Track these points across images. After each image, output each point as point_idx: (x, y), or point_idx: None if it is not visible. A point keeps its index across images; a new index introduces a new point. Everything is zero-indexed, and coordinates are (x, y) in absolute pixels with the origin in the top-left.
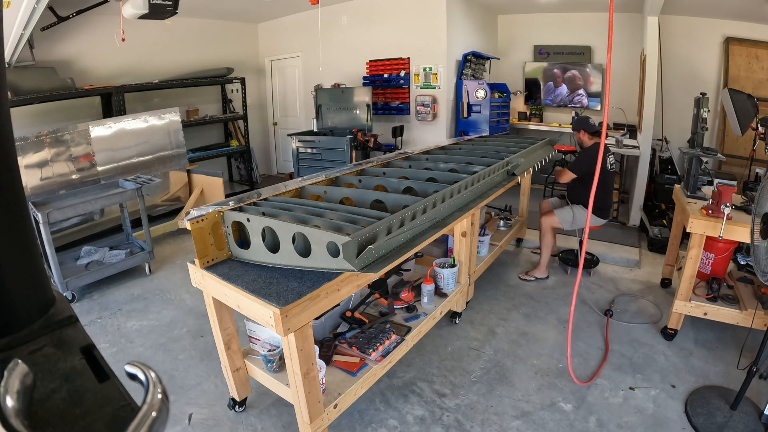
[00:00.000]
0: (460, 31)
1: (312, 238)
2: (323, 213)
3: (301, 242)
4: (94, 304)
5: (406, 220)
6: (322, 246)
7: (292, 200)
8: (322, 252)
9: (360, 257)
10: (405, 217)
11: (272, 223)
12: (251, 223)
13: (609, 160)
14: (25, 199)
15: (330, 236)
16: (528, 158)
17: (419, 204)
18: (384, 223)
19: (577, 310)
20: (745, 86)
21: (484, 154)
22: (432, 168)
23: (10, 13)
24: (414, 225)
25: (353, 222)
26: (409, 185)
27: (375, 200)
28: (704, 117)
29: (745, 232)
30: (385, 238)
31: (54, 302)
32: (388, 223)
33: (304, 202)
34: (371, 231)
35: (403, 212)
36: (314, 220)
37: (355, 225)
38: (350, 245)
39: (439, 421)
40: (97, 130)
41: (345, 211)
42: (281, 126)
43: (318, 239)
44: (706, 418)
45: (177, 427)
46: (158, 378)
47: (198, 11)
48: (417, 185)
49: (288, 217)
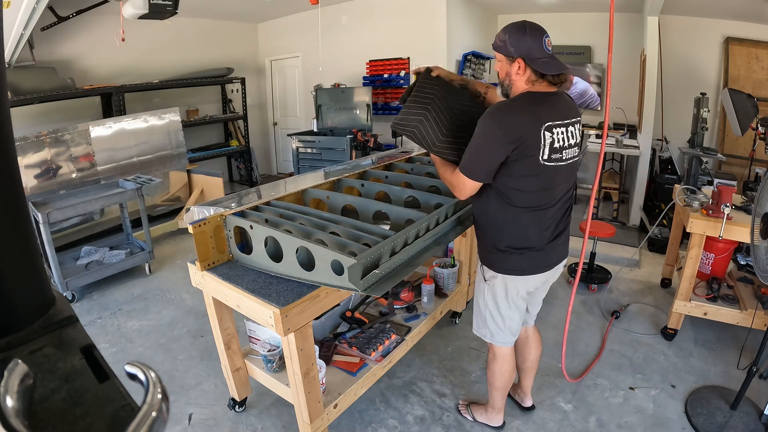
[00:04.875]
0: (460, 31)
1: (317, 254)
2: (327, 225)
3: (304, 254)
4: (94, 304)
5: (410, 239)
6: (327, 263)
7: (295, 207)
8: (326, 269)
9: (364, 279)
10: (408, 236)
11: (277, 235)
12: (254, 231)
13: (566, 136)
14: (25, 199)
15: (335, 256)
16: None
17: (422, 221)
18: (388, 244)
19: (581, 312)
20: (745, 86)
21: None
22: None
23: (10, 13)
24: (417, 244)
25: (357, 239)
26: (412, 194)
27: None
28: (704, 117)
29: (745, 232)
30: (389, 259)
31: (54, 302)
32: (392, 243)
33: (307, 211)
34: (376, 252)
35: (406, 231)
36: (318, 234)
37: (359, 244)
38: (356, 268)
39: (439, 421)
40: (97, 130)
41: (349, 225)
42: (281, 126)
43: (323, 256)
44: (706, 418)
45: (177, 427)
46: (158, 378)
47: (198, 11)
48: (420, 195)
49: (291, 227)
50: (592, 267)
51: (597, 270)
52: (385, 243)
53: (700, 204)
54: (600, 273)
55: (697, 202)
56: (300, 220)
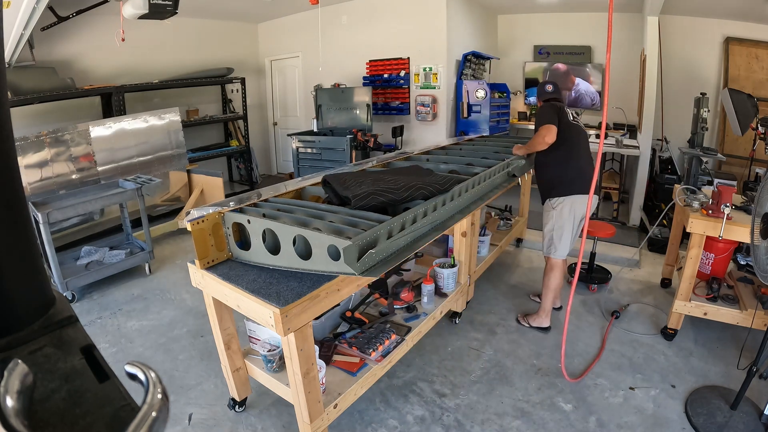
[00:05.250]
0: (460, 31)
1: (313, 240)
2: (323, 215)
3: (302, 244)
4: (94, 304)
5: (407, 224)
6: (323, 249)
7: (292, 201)
8: (323, 255)
9: (361, 261)
10: (406, 221)
11: (273, 225)
12: (252, 225)
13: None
14: (25, 199)
15: (331, 239)
16: (529, 159)
17: (420, 207)
18: (385, 227)
19: (581, 312)
20: (745, 86)
21: (485, 154)
22: (433, 169)
23: (10, 13)
24: (415, 228)
25: (354, 225)
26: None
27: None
28: (704, 117)
29: (745, 232)
30: (385, 241)
31: (54, 302)
32: (389, 226)
33: (304, 204)
34: (372, 235)
35: (404, 215)
36: (315, 222)
37: (356, 228)
38: (351, 249)
39: (439, 421)
40: (97, 130)
41: (346, 213)
42: (281, 126)
43: (319, 242)
44: (706, 418)
45: (177, 427)
46: (158, 378)
47: (198, 11)
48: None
49: (288, 219)
50: (592, 267)
51: (597, 270)
52: (381, 226)
53: (700, 204)
54: (600, 273)
55: (697, 202)
56: (297, 213)
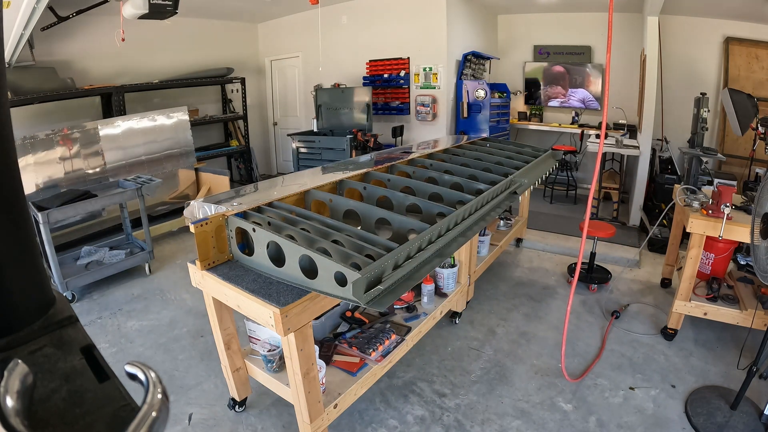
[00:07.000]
0: (460, 31)
1: (320, 264)
2: (330, 233)
3: (307, 260)
4: (94, 304)
5: (413, 252)
6: (330, 273)
7: (297, 210)
8: (329, 278)
9: (367, 294)
10: (411, 249)
11: (280, 241)
12: (257, 234)
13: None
14: (26, 199)
15: (339, 267)
16: (531, 175)
17: (425, 234)
18: (392, 257)
19: (581, 312)
20: (745, 86)
21: (486, 166)
22: (437, 179)
23: (10, 13)
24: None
25: (360, 250)
26: (414, 201)
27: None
28: (704, 117)
29: (745, 232)
30: (391, 272)
31: (54, 302)
32: (395, 256)
33: (310, 215)
34: (380, 266)
35: (409, 244)
36: (321, 242)
37: (362, 255)
38: (360, 282)
39: (439, 421)
40: (107, 129)
41: (353, 234)
42: (281, 126)
43: (326, 267)
44: (706, 418)
45: (177, 427)
46: (158, 378)
47: (198, 11)
48: (421, 204)
49: (294, 232)
50: (592, 267)
51: (597, 270)
52: (389, 257)
53: (700, 204)
54: (600, 273)
55: (697, 202)
56: (303, 225)
